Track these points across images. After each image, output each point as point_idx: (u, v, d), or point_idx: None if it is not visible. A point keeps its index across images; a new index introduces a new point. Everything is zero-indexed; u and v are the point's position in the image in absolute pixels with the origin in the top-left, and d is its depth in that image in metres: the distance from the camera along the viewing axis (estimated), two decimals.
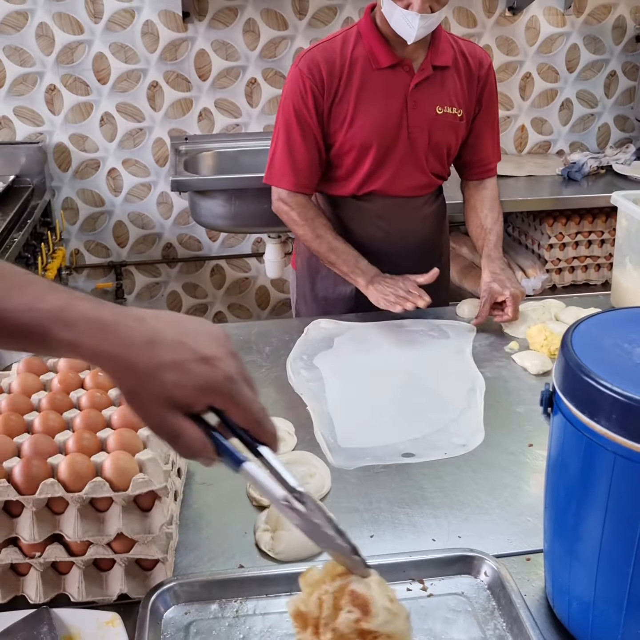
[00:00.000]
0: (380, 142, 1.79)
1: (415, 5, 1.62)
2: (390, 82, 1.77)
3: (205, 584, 1.01)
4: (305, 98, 1.75)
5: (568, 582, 0.92)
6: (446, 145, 1.85)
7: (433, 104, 1.79)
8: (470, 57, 1.83)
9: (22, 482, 0.95)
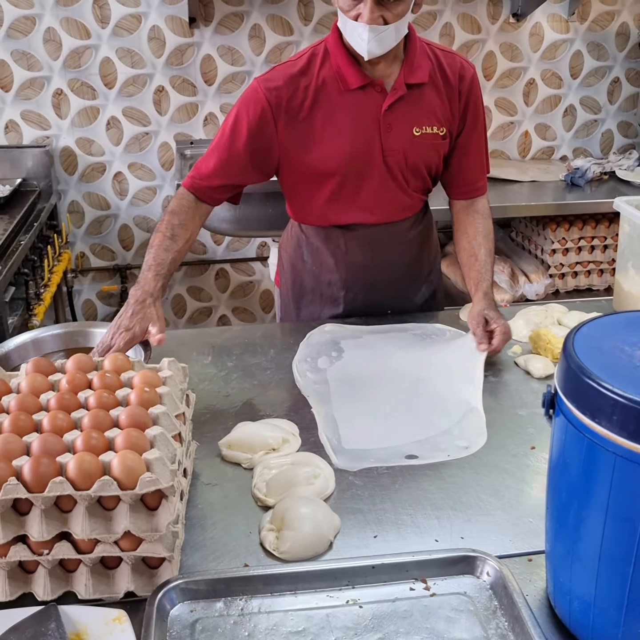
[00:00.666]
0: (349, 168, 1.66)
1: (364, 15, 1.48)
2: (361, 104, 1.63)
3: (211, 582, 1.02)
4: (250, 114, 1.62)
5: (569, 581, 0.93)
6: (425, 165, 1.72)
7: (409, 125, 1.66)
8: (449, 71, 1.68)
9: (31, 481, 0.96)
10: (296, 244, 1.86)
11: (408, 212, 1.80)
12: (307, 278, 1.87)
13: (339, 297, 1.84)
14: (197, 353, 1.69)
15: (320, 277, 1.84)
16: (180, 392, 1.21)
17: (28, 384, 1.15)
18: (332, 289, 1.85)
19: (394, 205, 1.76)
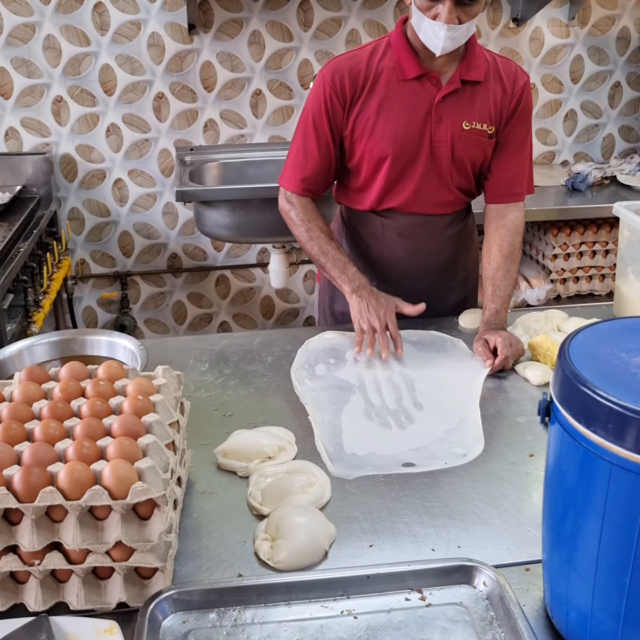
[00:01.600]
0: (398, 154, 1.73)
1: (443, 15, 1.57)
2: (416, 94, 1.72)
3: (204, 592, 1.01)
4: (324, 105, 1.73)
5: (566, 592, 0.92)
6: (471, 161, 1.78)
7: (460, 119, 1.73)
8: (504, 75, 1.76)
9: (22, 490, 0.95)
10: (337, 231, 1.95)
11: (448, 208, 1.84)
12: None
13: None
14: (194, 360, 1.68)
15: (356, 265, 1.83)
16: (175, 400, 1.20)
17: (21, 392, 1.14)
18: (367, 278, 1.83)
19: (434, 198, 1.80)
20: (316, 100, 1.74)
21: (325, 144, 1.76)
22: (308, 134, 1.77)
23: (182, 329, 3.46)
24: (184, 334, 3.44)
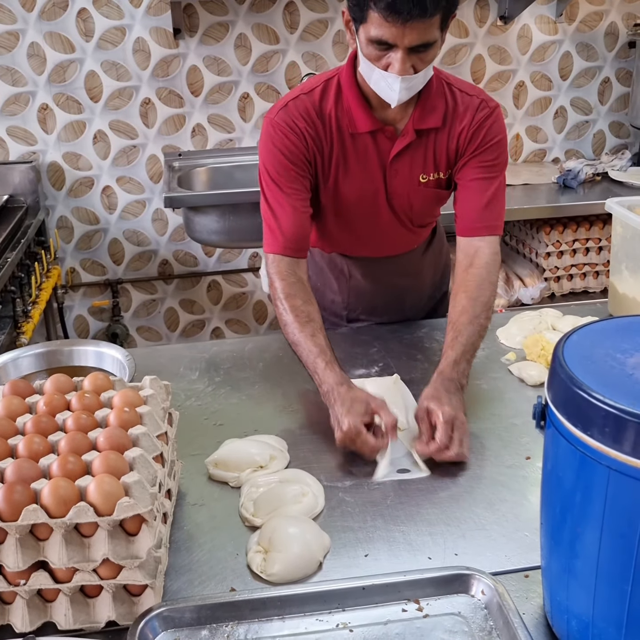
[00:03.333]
0: (359, 209, 1.64)
1: (396, 66, 1.39)
2: (369, 149, 1.58)
3: (195, 609, 0.98)
4: (286, 151, 1.55)
5: (566, 600, 0.90)
6: (431, 210, 1.74)
7: (416, 172, 1.61)
8: (464, 112, 1.58)
9: (5, 509, 0.93)
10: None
11: (413, 244, 1.82)
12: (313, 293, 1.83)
13: (342, 316, 1.89)
14: (184, 368, 1.65)
15: (323, 294, 1.84)
16: (162, 411, 1.18)
17: (4, 407, 1.12)
18: (335, 307, 1.88)
19: (398, 241, 1.78)
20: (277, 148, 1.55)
21: (299, 191, 1.57)
22: (279, 188, 1.56)
23: (174, 335, 3.43)
24: (176, 341, 3.41)
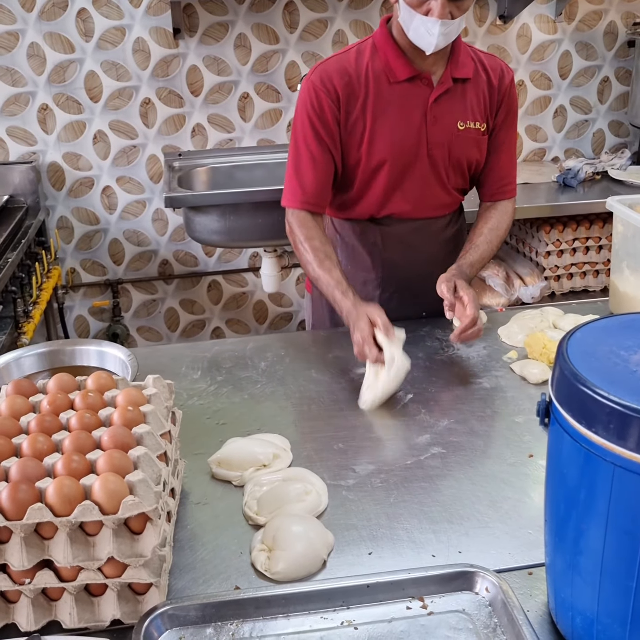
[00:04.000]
0: (396, 160, 1.69)
1: (435, 10, 1.52)
2: (408, 96, 1.67)
3: (200, 607, 0.98)
4: (319, 112, 1.65)
5: (571, 597, 0.90)
6: (467, 161, 1.76)
7: (454, 119, 1.70)
8: (491, 70, 1.73)
9: (10, 508, 0.93)
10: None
11: (446, 209, 1.83)
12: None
13: (375, 297, 1.83)
14: (186, 368, 1.65)
15: (355, 276, 1.81)
16: (166, 410, 1.18)
17: (7, 406, 1.12)
18: (367, 288, 1.84)
19: (433, 200, 1.78)
20: (309, 106, 1.67)
21: (326, 152, 1.68)
22: (304, 144, 1.68)
23: (174, 336, 3.43)
24: (177, 341, 3.41)
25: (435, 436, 1.38)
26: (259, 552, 1.09)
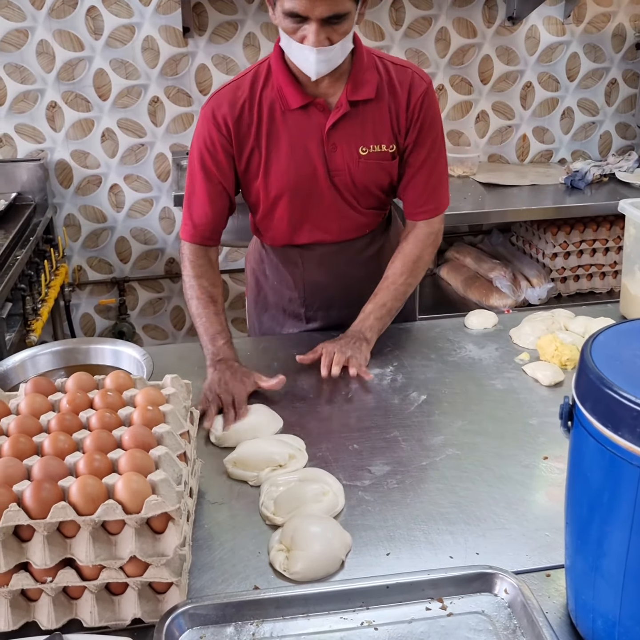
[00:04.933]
0: (295, 191, 1.63)
1: (310, 38, 1.42)
2: (303, 124, 1.58)
3: (221, 606, 0.99)
4: (210, 146, 1.59)
5: (592, 599, 0.90)
6: (376, 185, 1.67)
7: (355, 145, 1.60)
8: (399, 85, 1.60)
9: (33, 506, 0.93)
10: (258, 258, 1.86)
11: (364, 229, 1.76)
12: (270, 292, 1.86)
13: (300, 314, 1.84)
14: (199, 367, 1.65)
15: (281, 293, 1.83)
16: (184, 410, 1.18)
17: (27, 404, 1.12)
18: (293, 305, 1.84)
19: (347, 224, 1.71)
20: (201, 139, 1.61)
21: (215, 185, 1.62)
22: (196, 177, 1.63)
23: (180, 334, 3.43)
24: (182, 340, 3.41)
25: (450, 437, 1.39)
26: (278, 552, 1.09)
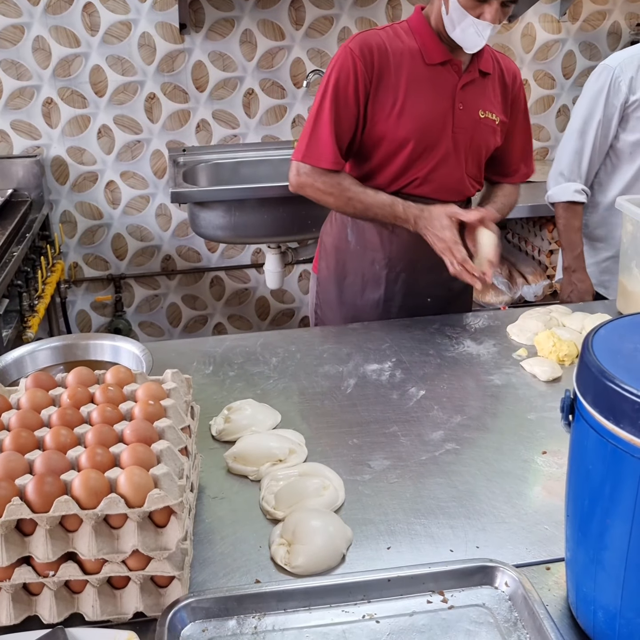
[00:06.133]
0: (421, 137, 1.74)
1: (489, 15, 1.62)
2: (440, 79, 1.75)
3: (223, 600, 0.99)
4: (352, 76, 1.69)
5: (593, 591, 0.91)
6: (485, 148, 1.84)
7: (477, 107, 1.79)
8: (505, 70, 1.84)
9: (36, 500, 0.93)
10: (341, 225, 1.91)
11: (459, 195, 1.86)
12: (350, 258, 1.91)
13: (381, 277, 1.88)
14: (197, 363, 1.66)
15: (364, 255, 1.88)
16: (185, 404, 1.18)
17: (28, 399, 1.12)
18: (374, 267, 1.88)
19: (448, 184, 1.82)
20: (343, 71, 1.70)
21: (350, 116, 1.72)
22: (330, 106, 1.71)
23: (177, 331, 3.43)
24: (178, 337, 3.41)
25: (449, 432, 1.39)
26: (279, 546, 1.10)
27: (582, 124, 2.19)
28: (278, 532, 1.13)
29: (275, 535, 1.12)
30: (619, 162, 2.19)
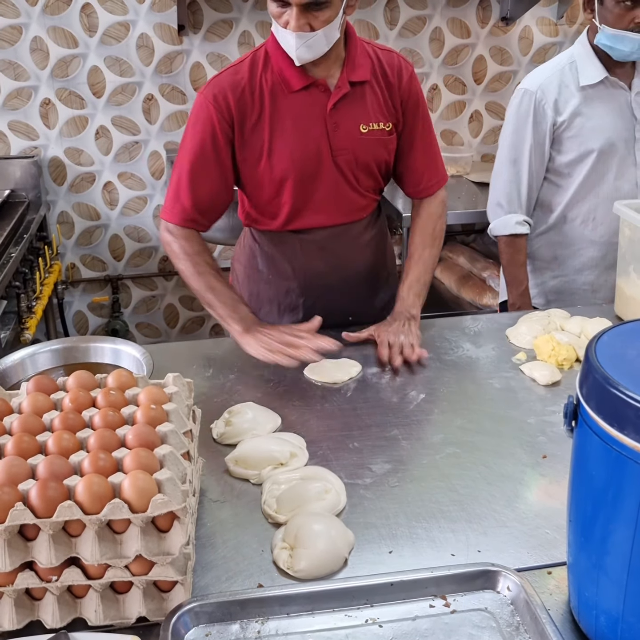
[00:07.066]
0: (299, 172, 1.65)
1: (291, 23, 1.49)
2: (306, 105, 1.63)
3: (226, 604, 0.99)
4: (210, 127, 1.60)
5: (595, 596, 0.91)
6: (376, 162, 1.72)
7: (356, 123, 1.66)
8: (388, 68, 1.69)
9: (39, 505, 0.93)
10: (250, 254, 1.84)
11: (362, 212, 1.79)
12: (264, 288, 1.85)
13: (298, 305, 1.83)
14: (197, 366, 1.66)
15: (277, 285, 1.82)
16: (187, 408, 1.18)
17: (30, 403, 1.12)
18: (290, 296, 1.83)
19: (347, 206, 1.75)
20: (199, 123, 1.61)
21: (213, 169, 1.63)
22: (191, 161, 1.63)
23: (174, 332, 3.43)
24: (176, 338, 3.41)
25: (450, 436, 1.39)
26: (281, 550, 1.10)
27: (513, 152, 2.08)
28: (280, 536, 1.13)
29: (278, 539, 1.12)
30: (560, 181, 2.10)
